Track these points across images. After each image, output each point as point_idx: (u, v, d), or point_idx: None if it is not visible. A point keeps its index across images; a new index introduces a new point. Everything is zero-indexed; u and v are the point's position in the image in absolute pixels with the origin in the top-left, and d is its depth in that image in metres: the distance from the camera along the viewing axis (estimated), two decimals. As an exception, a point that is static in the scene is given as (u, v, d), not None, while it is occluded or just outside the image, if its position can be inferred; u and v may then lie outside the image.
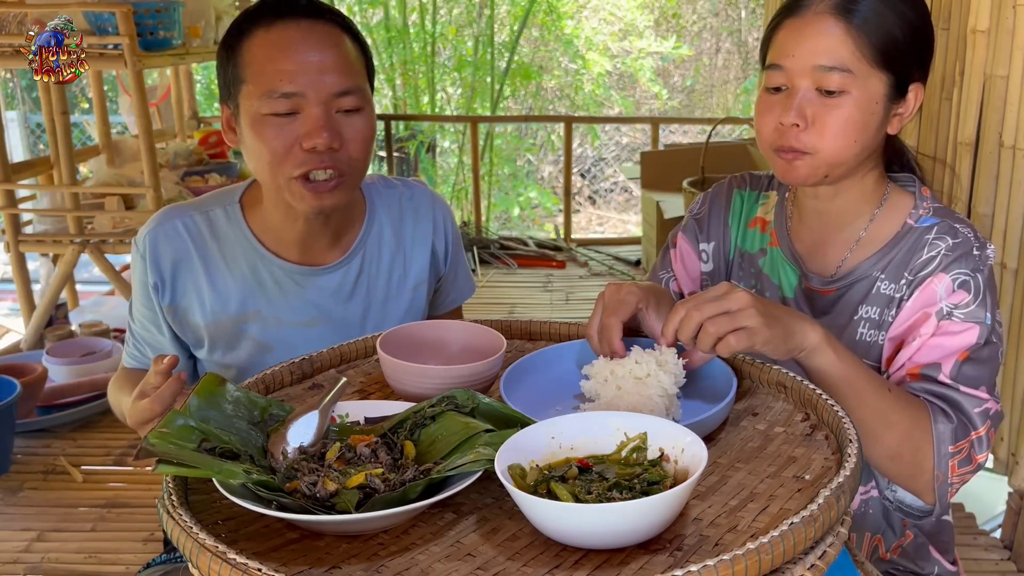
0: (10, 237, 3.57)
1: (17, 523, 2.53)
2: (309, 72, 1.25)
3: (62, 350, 3.29)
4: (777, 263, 1.40)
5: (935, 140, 2.64)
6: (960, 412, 1.20)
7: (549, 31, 8.77)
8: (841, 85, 1.21)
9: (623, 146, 9.42)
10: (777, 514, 0.79)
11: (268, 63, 1.26)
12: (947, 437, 1.19)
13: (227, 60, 1.31)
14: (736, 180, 1.50)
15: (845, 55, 1.20)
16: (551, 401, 1.05)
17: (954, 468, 1.20)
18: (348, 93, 1.28)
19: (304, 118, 1.26)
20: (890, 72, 1.23)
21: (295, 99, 1.25)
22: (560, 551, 0.75)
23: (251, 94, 1.27)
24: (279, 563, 0.73)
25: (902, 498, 1.37)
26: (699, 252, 1.48)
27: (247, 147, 1.32)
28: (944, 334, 1.23)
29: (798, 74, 1.23)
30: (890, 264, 1.30)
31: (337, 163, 1.28)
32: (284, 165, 1.27)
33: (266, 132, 1.26)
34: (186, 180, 4.00)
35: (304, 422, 0.91)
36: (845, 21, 1.20)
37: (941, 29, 2.59)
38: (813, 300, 1.36)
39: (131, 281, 1.46)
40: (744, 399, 1.04)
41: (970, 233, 1.27)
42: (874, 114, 1.23)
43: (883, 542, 1.40)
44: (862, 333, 1.31)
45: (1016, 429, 2.29)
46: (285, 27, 1.27)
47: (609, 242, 5.93)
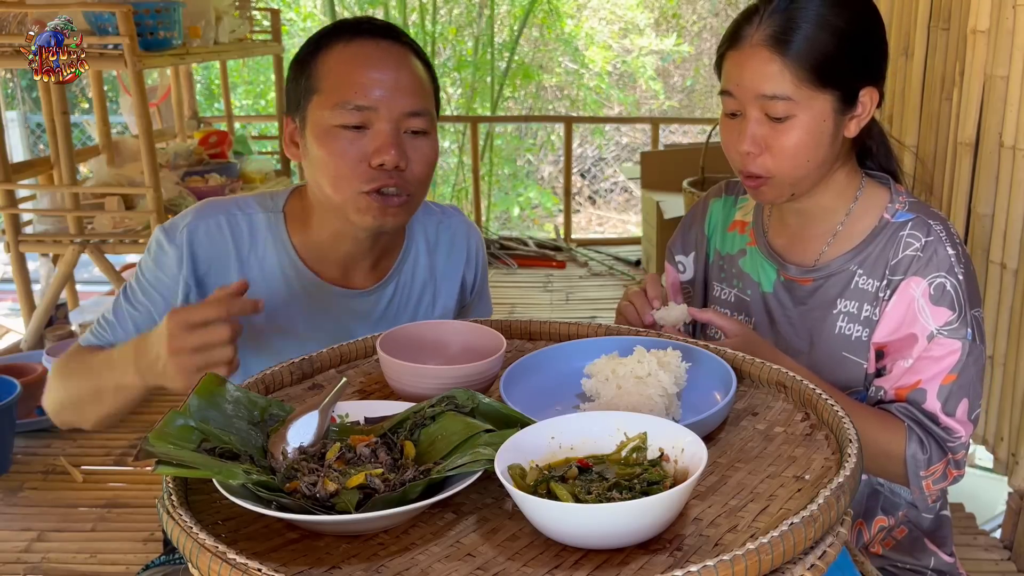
0: (10, 237, 3.57)
1: (17, 523, 2.53)
2: (384, 88, 1.27)
3: (62, 350, 3.27)
4: (756, 261, 1.44)
5: (935, 140, 2.64)
6: (936, 442, 1.27)
7: (549, 30, 8.77)
8: (786, 111, 1.24)
9: (623, 146, 9.42)
10: (777, 514, 0.79)
11: (344, 75, 1.27)
12: (921, 462, 1.27)
13: (300, 72, 1.32)
14: (714, 191, 1.57)
15: (785, 84, 1.23)
16: (551, 401, 1.05)
17: (929, 485, 1.28)
18: (418, 115, 1.29)
19: (373, 134, 1.26)
20: (834, 88, 1.25)
21: (366, 113, 1.26)
22: (560, 551, 0.75)
23: (323, 104, 1.27)
24: (279, 563, 0.73)
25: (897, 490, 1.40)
26: (676, 264, 1.56)
27: (311, 159, 1.31)
28: (929, 357, 1.27)
29: (746, 103, 1.27)
30: (867, 259, 1.33)
31: (402, 183, 1.28)
32: (352, 180, 1.26)
33: (334, 144, 1.26)
34: (186, 180, 4.00)
35: (304, 422, 0.91)
36: (780, 52, 1.23)
37: (941, 29, 2.59)
38: (792, 290, 1.39)
39: (142, 264, 1.38)
40: (744, 399, 1.04)
41: (941, 229, 1.29)
42: (824, 132, 1.26)
43: (865, 526, 1.41)
44: (840, 327, 1.34)
45: (1016, 429, 2.29)
46: (364, 44, 1.29)
47: (609, 242, 5.93)
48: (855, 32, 1.25)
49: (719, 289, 1.49)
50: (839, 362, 1.33)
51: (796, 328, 1.38)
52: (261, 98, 9.64)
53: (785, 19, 1.23)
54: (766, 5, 1.25)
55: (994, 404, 2.38)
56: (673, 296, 1.56)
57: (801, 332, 1.37)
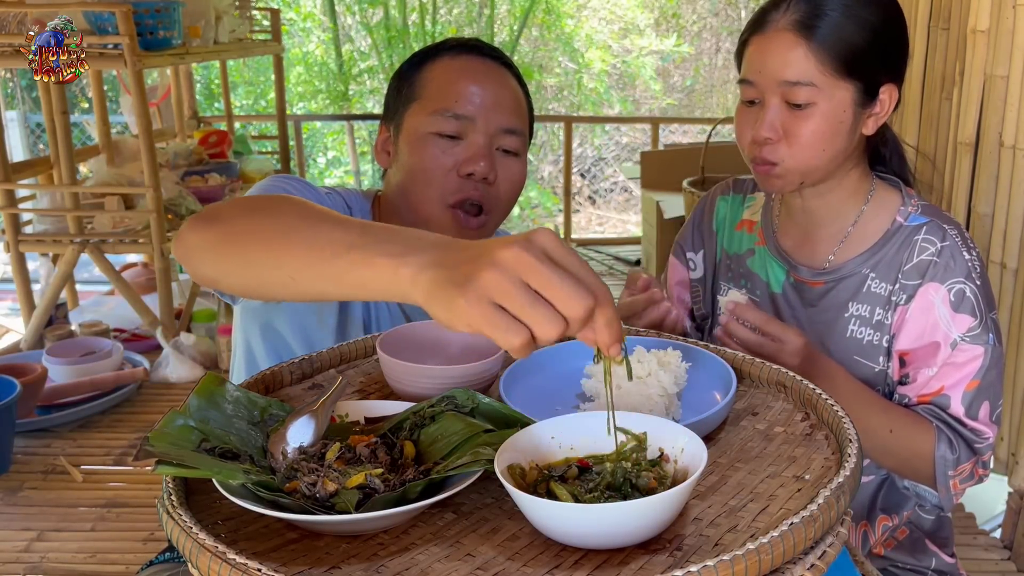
0: (10, 237, 3.57)
1: (17, 523, 2.53)
2: (484, 102, 1.28)
3: (62, 350, 3.29)
4: (765, 261, 1.43)
5: (935, 140, 2.64)
6: (964, 443, 1.27)
7: (549, 30, 8.78)
8: (808, 98, 1.23)
9: (623, 146, 9.42)
10: (777, 514, 0.79)
11: (447, 84, 1.29)
12: (950, 462, 1.27)
13: (401, 82, 1.34)
14: (720, 188, 1.56)
15: (809, 70, 1.22)
16: (551, 401, 1.05)
17: (956, 484, 1.27)
18: (513, 133, 1.30)
19: (467, 144, 1.27)
20: (857, 80, 1.24)
21: (463, 123, 1.27)
22: (560, 551, 0.75)
23: (421, 111, 1.29)
24: (279, 563, 0.73)
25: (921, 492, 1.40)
26: (687, 261, 1.54)
27: (400, 165, 1.32)
28: (952, 364, 1.27)
29: (767, 89, 1.26)
30: (880, 263, 1.32)
31: (487, 197, 1.29)
32: (439, 188, 1.27)
33: (427, 150, 1.27)
34: (186, 180, 4.01)
35: (304, 422, 0.90)
36: (806, 37, 1.22)
37: (941, 29, 2.59)
38: (802, 292, 1.38)
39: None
40: (744, 399, 1.04)
41: (956, 234, 1.29)
42: (843, 122, 1.25)
43: (870, 528, 1.41)
44: (852, 330, 1.34)
45: (1016, 429, 2.29)
46: (471, 59, 1.32)
47: (609, 242, 5.94)
48: (881, 26, 1.25)
49: (726, 289, 1.49)
50: (850, 366, 1.33)
51: (805, 330, 1.37)
52: (261, 98, 9.65)
53: (813, 6, 1.23)
54: None
55: (994, 404, 2.38)
56: (679, 295, 1.55)
57: (810, 334, 1.37)
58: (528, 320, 0.66)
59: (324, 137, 10.05)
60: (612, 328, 0.71)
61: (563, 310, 0.67)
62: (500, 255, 0.67)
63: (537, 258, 0.66)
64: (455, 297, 0.67)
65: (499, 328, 0.66)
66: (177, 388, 3.36)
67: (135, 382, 3.26)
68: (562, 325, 0.67)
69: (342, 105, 9.65)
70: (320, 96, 9.80)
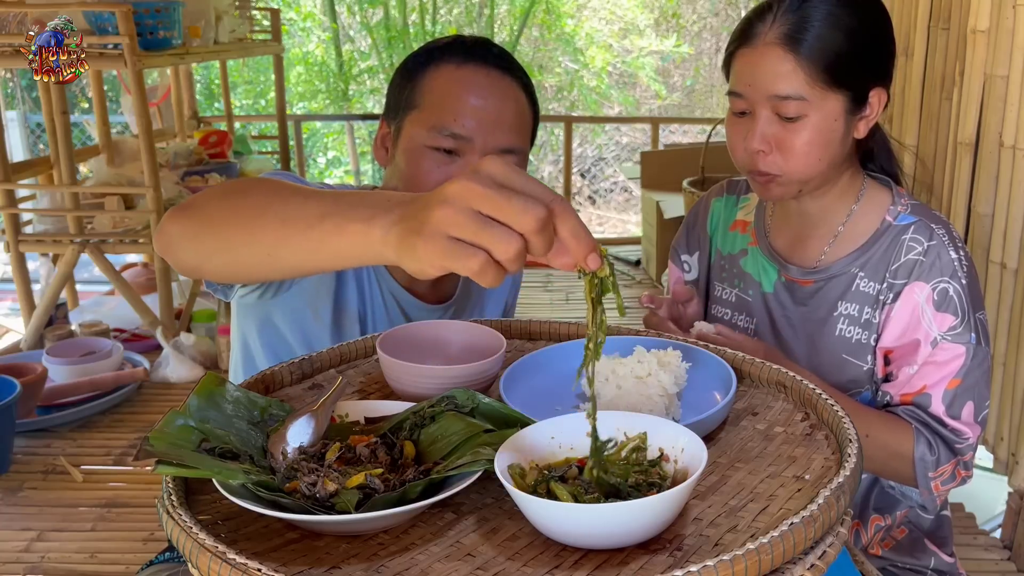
0: (10, 237, 3.57)
1: (17, 523, 2.53)
2: (484, 121, 1.26)
3: (62, 350, 3.29)
4: (757, 261, 1.43)
5: (935, 140, 2.64)
6: (944, 443, 1.26)
7: (549, 30, 8.78)
8: (798, 111, 1.23)
9: (623, 146, 9.43)
10: (777, 514, 0.79)
11: (447, 99, 1.26)
12: (929, 463, 1.27)
13: (405, 80, 1.31)
14: (715, 190, 1.57)
15: (798, 84, 1.22)
16: (551, 401, 1.05)
17: (938, 486, 1.28)
18: (511, 152, 1.28)
19: (463, 164, 1.26)
20: (846, 89, 1.24)
21: (461, 142, 1.25)
22: (560, 551, 0.75)
23: (420, 122, 1.27)
24: (279, 563, 0.73)
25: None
26: (682, 264, 1.56)
27: (398, 170, 1.31)
28: (933, 363, 1.27)
29: (757, 102, 1.26)
30: (869, 262, 1.32)
31: None
32: None
33: (422, 163, 1.26)
34: (186, 180, 4.01)
35: (304, 422, 0.91)
36: (794, 51, 1.22)
37: (941, 29, 2.59)
38: (793, 291, 1.39)
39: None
40: (744, 399, 1.04)
41: (943, 233, 1.29)
42: (835, 131, 1.26)
43: (863, 527, 1.41)
44: (841, 329, 1.34)
45: (1016, 429, 2.29)
46: (476, 71, 1.28)
47: (609, 242, 5.93)
48: (866, 31, 1.25)
49: (720, 289, 1.49)
50: (839, 364, 1.33)
51: (796, 329, 1.38)
52: (261, 98, 9.65)
53: (799, 18, 1.22)
54: (779, 3, 1.24)
55: (994, 404, 2.38)
56: (679, 297, 1.56)
57: (801, 334, 1.37)
58: (483, 243, 0.66)
59: (324, 137, 10.05)
60: (580, 238, 0.70)
61: (516, 226, 0.66)
62: (448, 191, 0.67)
63: (483, 184, 0.66)
64: (416, 243, 0.68)
65: (457, 256, 0.67)
66: (177, 388, 3.36)
67: (135, 382, 3.26)
68: (518, 241, 0.66)
69: (342, 105, 9.66)
70: (320, 96, 9.81)
